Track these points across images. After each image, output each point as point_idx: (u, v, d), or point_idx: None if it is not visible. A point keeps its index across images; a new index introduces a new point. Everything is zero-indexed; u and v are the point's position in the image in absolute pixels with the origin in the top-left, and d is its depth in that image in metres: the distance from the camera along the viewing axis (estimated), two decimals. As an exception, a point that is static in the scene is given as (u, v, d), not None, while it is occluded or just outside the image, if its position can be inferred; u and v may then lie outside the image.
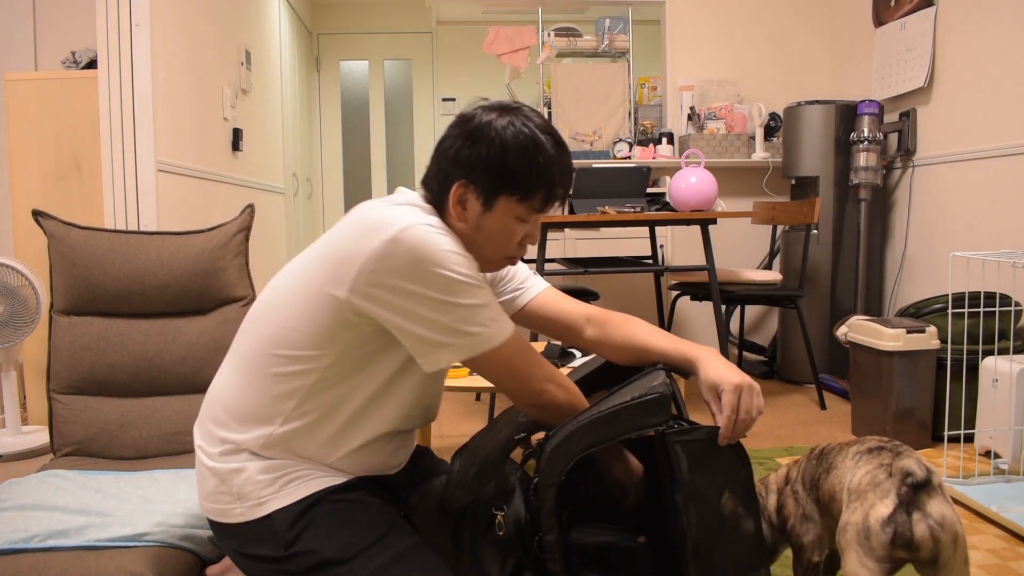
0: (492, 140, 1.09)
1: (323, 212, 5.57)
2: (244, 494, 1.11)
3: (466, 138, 1.10)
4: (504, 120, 1.10)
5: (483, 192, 1.10)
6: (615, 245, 3.93)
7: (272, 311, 1.13)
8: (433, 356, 1.07)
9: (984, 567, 1.74)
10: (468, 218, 1.12)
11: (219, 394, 1.18)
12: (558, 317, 1.34)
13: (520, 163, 1.09)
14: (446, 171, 1.12)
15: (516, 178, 1.10)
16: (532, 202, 1.12)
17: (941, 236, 3.29)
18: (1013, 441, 2.22)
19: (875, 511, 1.08)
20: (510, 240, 1.15)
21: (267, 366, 1.11)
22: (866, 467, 1.15)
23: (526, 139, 1.09)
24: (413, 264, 1.01)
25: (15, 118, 2.77)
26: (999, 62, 2.95)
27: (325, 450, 1.13)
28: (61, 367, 1.81)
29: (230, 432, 1.14)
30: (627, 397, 1.08)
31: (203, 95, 3.18)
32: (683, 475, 1.04)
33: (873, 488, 1.11)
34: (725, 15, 4.20)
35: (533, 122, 1.12)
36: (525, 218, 1.13)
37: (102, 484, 1.55)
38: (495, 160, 1.09)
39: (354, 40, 5.62)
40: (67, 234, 1.84)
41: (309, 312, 1.08)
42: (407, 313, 1.04)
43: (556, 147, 1.12)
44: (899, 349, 2.55)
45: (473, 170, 1.10)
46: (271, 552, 1.10)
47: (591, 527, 1.37)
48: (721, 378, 1.12)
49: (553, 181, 1.12)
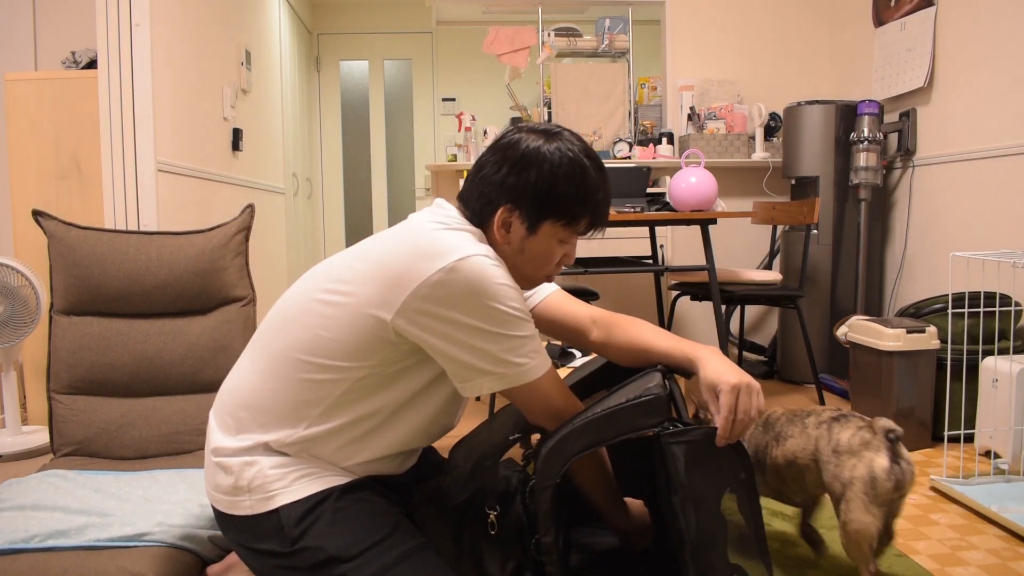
0: (541, 168, 1.12)
1: (323, 212, 5.57)
2: (254, 487, 1.12)
3: (513, 164, 1.13)
4: (552, 147, 1.13)
5: (528, 217, 1.14)
6: (615, 245, 3.93)
7: (307, 316, 1.12)
8: (476, 383, 1.09)
9: (984, 567, 1.74)
10: (511, 240, 1.15)
11: (242, 389, 1.17)
12: (565, 320, 1.35)
13: (567, 190, 1.13)
14: (490, 195, 1.14)
15: (563, 204, 1.13)
16: (576, 227, 1.17)
17: (941, 236, 3.29)
18: (1013, 441, 2.22)
19: (877, 463, 1.36)
20: (550, 261, 1.19)
21: (297, 370, 1.12)
22: (847, 431, 1.42)
23: (572, 166, 1.13)
24: (468, 296, 1.03)
25: (15, 118, 2.77)
26: (999, 62, 2.95)
27: (341, 455, 1.14)
28: (61, 367, 1.81)
29: (251, 430, 1.14)
30: (623, 398, 1.08)
31: (203, 95, 3.18)
32: (680, 477, 1.04)
33: (865, 446, 1.38)
34: (725, 15, 4.20)
35: (577, 147, 1.15)
36: (567, 240, 1.18)
37: (102, 484, 1.55)
38: (544, 188, 1.12)
39: (354, 40, 5.62)
40: (67, 234, 1.84)
41: (349, 326, 1.08)
42: (455, 341, 1.05)
43: (599, 173, 1.17)
44: (899, 349, 2.54)
45: (521, 196, 1.13)
46: (277, 547, 1.10)
47: (591, 527, 1.37)
48: (719, 378, 1.13)
49: (598, 207, 1.18)
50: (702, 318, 4.18)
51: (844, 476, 1.39)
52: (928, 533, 1.93)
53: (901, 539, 1.90)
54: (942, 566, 1.75)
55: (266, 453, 1.13)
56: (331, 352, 1.09)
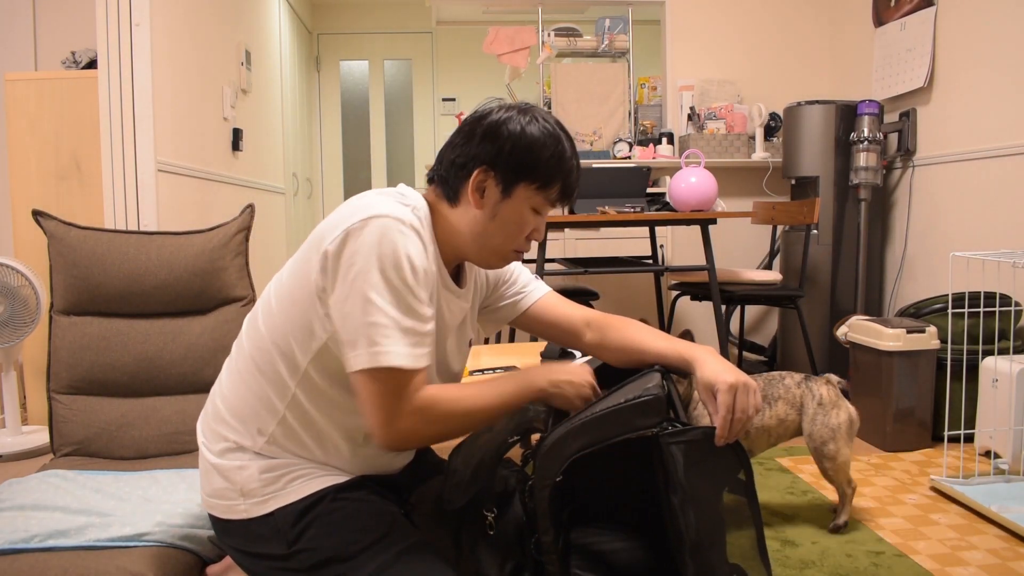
0: (516, 130, 1.12)
1: (323, 212, 5.57)
2: (248, 491, 1.12)
3: (486, 131, 1.13)
4: (525, 117, 1.14)
5: (503, 179, 1.12)
6: (615, 245, 3.93)
7: (264, 307, 1.14)
8: (347, 357, 1.03)
9: (984, 567, 1.74)
10: (485, 205, 1.14)
11: (220, 391, 1.19)
12: (559, 322, 1.35)
13: (543, 153, 1.12)
14: (464, 159, 1.14)
15: (538, 166, 1.13)
16: (549, 192, 1.15)
17: (941, 236, 3.29)
18: (1013, 441, 2.22)
19: (852, 410, 1.93)
20: (521, 231, 1.16)
21: (257, 364, 1.12)
22: (820, 387, 1.93)
23: (548, 132, 1.14)
24: (365, 256, 1.00)
25: (15, 118, 2.77)
26: (999, 62, 2.95)
27: (332, 453, 1.14)
28: (61, 367, 1.81)
29: (230, 431, 1.14)
30: (621, 399, 1.08)
31: (203, 95, 3.18)
32: (679, 477, 1.04)
33: (838, 397, 1.92)
34: (725, 15, 4.20)
35: (551, 120, 1.17)
36: (539, 209, 1.16)
37: (102, 484, 1.55)
38: (521, 147, 1.12)
39: (354, 40, 5.62)
40: (67, 234, 1.84)
41: (288, 302, 1.09)
42: (340, 299, 1.02)
43: (571, 144, 1.17)
44: (899, 349, 2.54)
45: (497, 157, 1.12)
46: (274, 550, 1.10)
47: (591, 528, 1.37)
48: (716, 377, 1.12)
49: (570, 174, 1.16)
50: (702, 318, 4.18)
51: (832, 423, 1.89)
52: (928, 533, 1.93)
53: (901, 539, 1.90)
54: (942, 566, 1.75)
55: (255, 457, 1.13)
56: (280, 337, 1.09)
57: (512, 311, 1.35)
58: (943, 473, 2.30)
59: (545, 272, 2.90)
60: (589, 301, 3.10)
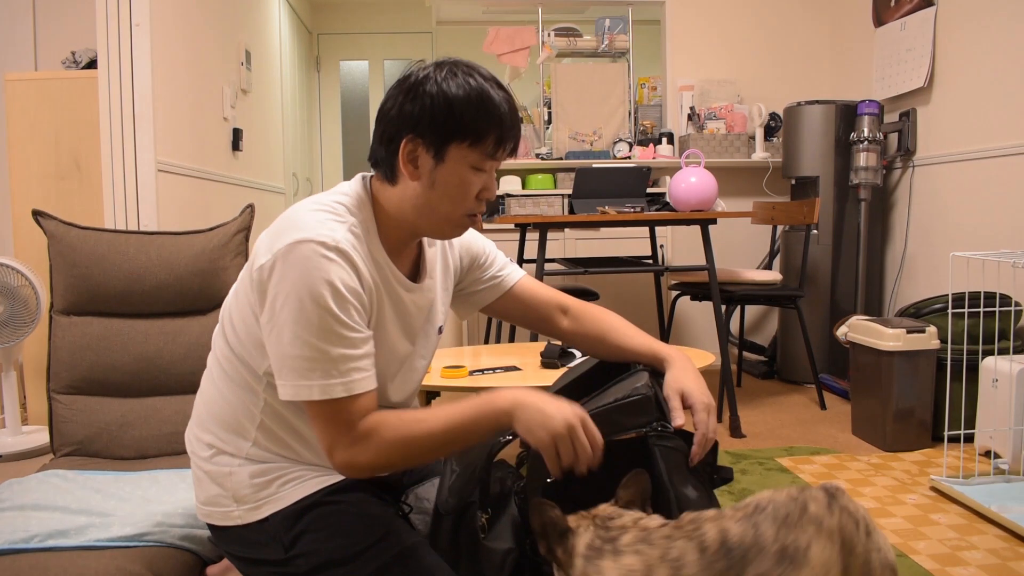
0: (433, 90, 1.04)
1: (323, 212, 5.57)
2: (240, 497, 1.11)
3: (406, 94, 1.06)
4: (443, 72, 1.06)
5: (432, 144, 1.06)
6: (615, 245, 3.93)
7: (224, 317, 1.15)
8: (281, 384, 1.02)
9: (984, 567, 1.74)
10: (421, 175, 1.08)
11: (200, 399, 1.19)
12: (536, 306, 1.33)
13: (466, 108, 1.04)
14: (391, 132, 1.08)
15: (464, 123, 1.05)
16: (484, 146, 1.07)
17: (941, 236, 3.29)
18: (1013, 441, 2.22)
19: None
20: (467, 193, 1.09)
21: (226, 372, 1.13)
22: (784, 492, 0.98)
23: (468, 85, 1.05)
24: (289, 283, 0.98)
25: (15, 118, 2.77)
26: (999, 62, 2.95)
27: (311, 451, 1.13)
28: (61, 367, 1.81)
29: (215, 438, 1.15)
30: (610, 399, 1.08)
31: (203, 95, 3.18)
32: (664, 479, 1.05)
33: None
34: (725, 15, 4.20)
35: (475, 71, 1.08)
36: (480, 165, 1.08)
37: (102, 484, 1.55)
38: (440, 108, 1.04)
39: (354, 40, 5.62)
40: (67, 234, 1.84)
41: (239, 315, 1.09)
42: (269, 330, 1.02)
43: (500, 90, 1.08)
44: (899, 349, 2.54)
45: (419, 123, 1.05)
46: (272, 555, 1.10)
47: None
48: (692, 393, 1.14)
49: (502, 122, 1.07)
50: (702, 318, 4.18)
51: None
52: (928, 533, 1.93)
53: (901, 539, 1.90)
54: (942, 566, 1.75)
55: (245, 463, 1.12)
56: (238, 344, 1.10)
57: (489, 295, 1.33)
58: (943, 473, 2.30)
59: (545, 272, 2.90)
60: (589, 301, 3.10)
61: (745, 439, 2.75)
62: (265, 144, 4.09)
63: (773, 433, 2.83)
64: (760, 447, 2.65)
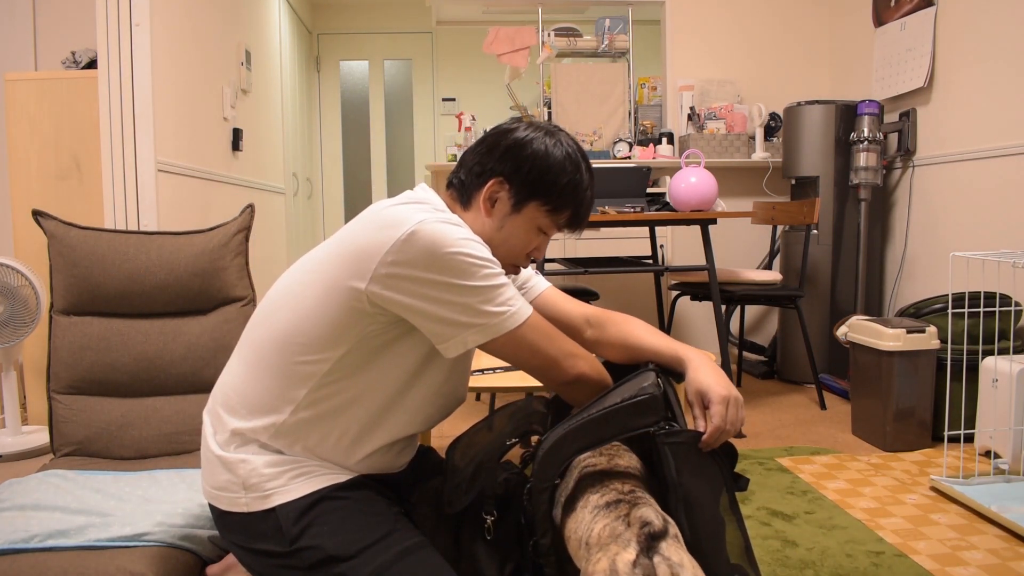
0: (540, 152, 1.15)
1: (323, 212, 5.57)
2: (250, 484, 1.12)
3: (511, 146, 1.16)
4: (551, 139, 1.17)
5: (517, 193, 1.16)
6: (615, 245, 3.93)
7: (286, 303, 1.14)
8: (456, 340, 1.08)
9: (984, 567, 1.74)
10: (495, 214, 1.17)
11: (231, 381, 1.18)
12: (559, 317, 1.35)
13: (561, 177, 1.15)
14: (483, 169, 1.17)
15: (553, 190, 1.15)
16: (559, 217, 1.18)
17: (941, 236, 3.29)
18: (1013, 441, 2.22)
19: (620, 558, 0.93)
20: (525, 247, 1.20)
21: (280, 355, 1.12)
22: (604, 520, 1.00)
23: (568, 158, 1.16)
24: (431, 253, 1.04)
25: (15, 118, 2.77)
26: (999, 62, 2.95)
27: (338, 447, 1.14)
28: (61, 367, 1.81)
29: (240, 420, 1.15)
30: (618, 399, 1.08)
31: (203, 95, 3.18)
32: (673, 477, 1.05)
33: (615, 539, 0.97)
34: (725, 15, 4.20)
35: (574, 146, 1.19)
36: (546, 230, 1.19)
37: (102, 484, 1.55)
38: (539, 168, 1.15)
39: (354, 40, 5.62)
40: (67, 234, 1.84)
41: (324, 302, 1.09)
42: (428, 299, 1.06)
43: (589, 175, 1.20)
44: (899, 349, 2.55)
45: (515, 172, 1.15)
46: (276, 547, 1.10)
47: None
48: (710, 388, 1.14)
49: (582, 204, 1.19)
50: (702, 318, 4.19)
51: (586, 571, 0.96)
52: (928, 533, 1.93)
53: (901, 539, 1.90)
54: (942, 566, 1.75)
55: (260, 451, 1.13)
56: (310, 331, 1.10)
57: None
58: (943, 473, 2.30)
59: (545, 272, 2.90)
60: (589, 301, 3.10)
61: (745, 439, 2.75)
62: (265, 144, 4.09)
63: (773, 433, 2.83)
64: (760, 447, 2.65)
